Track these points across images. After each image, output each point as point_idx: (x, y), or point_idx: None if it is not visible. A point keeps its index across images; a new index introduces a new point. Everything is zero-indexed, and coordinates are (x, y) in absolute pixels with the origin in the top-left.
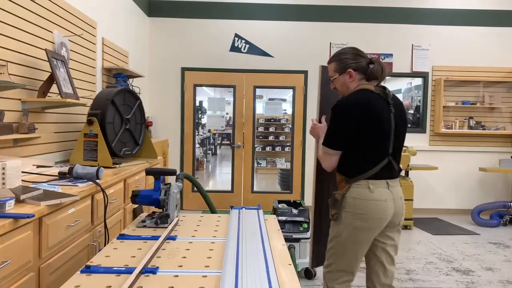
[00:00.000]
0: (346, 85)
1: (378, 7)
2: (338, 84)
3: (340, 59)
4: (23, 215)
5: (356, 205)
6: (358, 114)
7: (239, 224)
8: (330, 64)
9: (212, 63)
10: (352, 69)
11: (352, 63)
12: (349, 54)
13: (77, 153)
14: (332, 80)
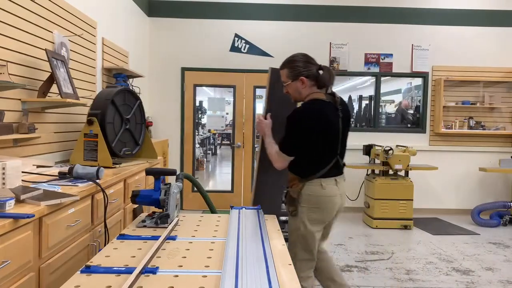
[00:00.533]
0: (298, 91)
1: (378, 7)
2: (291, 90)
3: (292, 66)
4: (23, 215)
5: (311, 200)
6: (312, 125)
7: (239, 224)
8: (283, 70)
9: (212, 63)
10: (304, 77)
11: (304, 71)
12: (300, 62)
13: (77, 153)
14: (285, 85)
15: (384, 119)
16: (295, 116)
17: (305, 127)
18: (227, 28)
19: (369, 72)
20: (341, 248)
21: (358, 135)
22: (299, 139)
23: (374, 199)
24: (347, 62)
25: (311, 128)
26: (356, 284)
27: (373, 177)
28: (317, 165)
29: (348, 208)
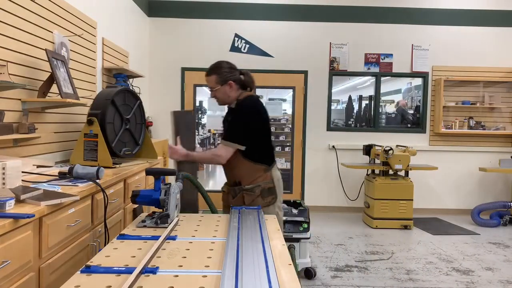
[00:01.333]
0: (227, 95)
1: (378, 7)
2: (220, 94)
3: (220, 72)
4: (23, 215)
5: (279, 185)
6: (262, 111)
7: (239, 224)
8: (211, 76)
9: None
10: (232, 81)
11: (231, 75)
12: (226, 68)
13: (77, 153)
14: (214, 90)
15: (384, 119)
16: (246, 106)
17: (257, 114)
18: (227, 28)
19: (369, 72)
20: (341, 248)
21: (358, 135)
22: (251, 127)
23: (374, 199)
24: (347, 62)
25: (262, 114)
26: (356, 284)
27: (373, 177)
28: (272, 152)
29: (348, 208)
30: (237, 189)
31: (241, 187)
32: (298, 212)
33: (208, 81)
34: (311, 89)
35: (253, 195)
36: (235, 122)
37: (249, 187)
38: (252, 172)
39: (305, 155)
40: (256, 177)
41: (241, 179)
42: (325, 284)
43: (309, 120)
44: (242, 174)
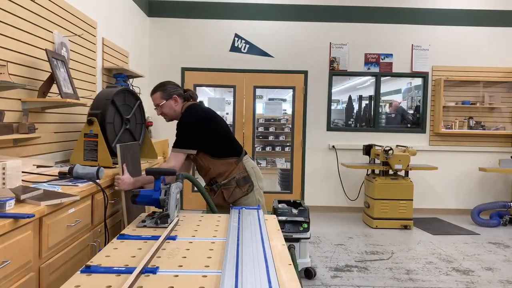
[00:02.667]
0: (173, 109)
1: (378, 7)
2: (166, 109)
3: (164, 89)
4: (23, 215)
5: (254, 173)
6: (204, 115)
7: (239, 224)
8: (156, 93)
9: (212, 63)
10: (176, 95)
11: (175, 91)
12: (170, 85)
13: (77, 153)
14: (160, 106)
15: (384, 119)
16: (187, 115)
17: (203, 118)
18: (227, 28)
19: (369, 72)
20: (341, 248)
21: (358, 135)
22: (202, 130)
23: (374, 199)
24: (347, 62)
25: (208, 117)
26: (356, 284)
27: (373, 177)
28: (236, 144)
29: (348, 208)
30: (215, 187)
31: (218, 184)
32: (298, 212)
33: (153, 99)
34: (311, 89)
35: (231, 187)
36: (179, 130)
37: (225, 182)
38: (224, 168)
39: (305, 155)
40: (229, 171)
41: (216, 177)
42: (325, 284)
43: (309, 120)
44: (216, 172)
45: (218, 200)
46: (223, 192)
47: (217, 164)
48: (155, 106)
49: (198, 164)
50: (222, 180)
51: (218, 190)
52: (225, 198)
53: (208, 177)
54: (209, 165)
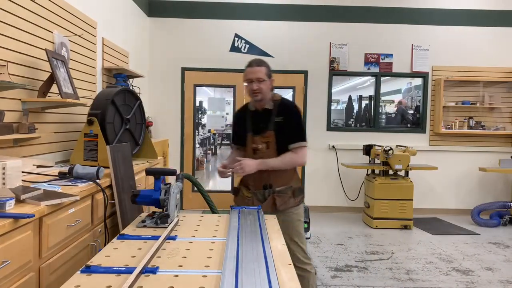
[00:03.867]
0: (269, 89)
1: (378, 7)
2: (265, 87)
3: (268, 66)
4: (23, 215)
5: (301, 187)
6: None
7: (239, 224)
8: (262, 67)
9: (212, 63)
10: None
11: (272, 74)
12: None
13: (77, 153)
14: (261, 82)
15: (384, 119)
16: (296, 106)
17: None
18: (227, 28)
19: (369, 72)
20: (341, 248)
21: (358, 135)
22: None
23: (374, 199)
24: (347, 62)
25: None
26: (356, 284)
27: (373, 177)
28: None
29: (348, 208)
30: (266, 192)
31: (272, 189)
32: None
33: (257, 72)
34: (311, 89)
35: (285, 196)
36: (300, 122)
37: (280, 189)
38: (285, 174)
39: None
40: (288, 178)
41: (273, 181)
42: (325, 284)
43: (309, 120)
44: (276, 176)
45: (266, 207)
46: (275, 199)
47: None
48: (256, 79)
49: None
50: (278, 187)
51: (269, 196)
52: (276, 205)
53: (264, 180)
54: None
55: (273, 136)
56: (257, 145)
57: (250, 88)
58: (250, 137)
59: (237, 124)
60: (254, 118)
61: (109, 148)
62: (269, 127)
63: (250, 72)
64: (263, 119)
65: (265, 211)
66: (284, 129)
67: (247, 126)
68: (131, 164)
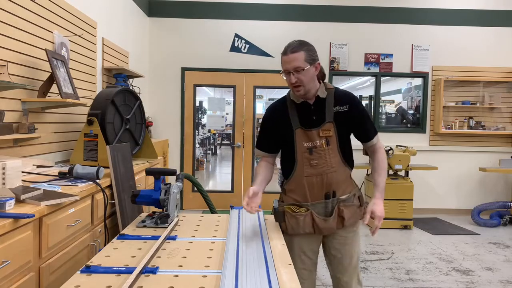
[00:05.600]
0: (313, 78)
1: (378, 7)
2: (307, 76)
3: (309, 49)
4: (23, 215)
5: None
6: None
7: (239, 224)
8: (299, 53)
9: (212, 63)
10: (319, 63)
11: (317, 56)
12: (312, 46)
13: (77, 153)
14: (299, 72)
15: (384, 119)
16: (356, 97)
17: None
18: (227, 28)
19: (369, 72)
20: None
21: None
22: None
23: None
24: (347, 62)
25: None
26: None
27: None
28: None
29: None
30: (330, 202)
31: (337, 198)
32: None
33: (293, 59)
34: None
35: (353, 206)
36: (365, 115)
37: (344, 198)
38: (346, 178)
39: None
40: (349, 182)
41: (336, 187)
42: (325, 284)
43: None
44: (338, 180)
45: (332, 223)
46: (342, 211)
47: (342, 170)
48: (293, 69)
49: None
50: (342, 194)
51: (334, 207)
52: (344, 219)
53: (327, 186)
54: (337, 168)
55: (334, 129)
56: (313, 142)
57: (289, 81)
58: (300, 133)
59: (275, 121)
60: (302, 111)
61: (109, 148)
62: (327, 118)
63: (285, 62)
64: (316, 110)
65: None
66: (347, 120)
67: (293, 121)
68: (131, 164)
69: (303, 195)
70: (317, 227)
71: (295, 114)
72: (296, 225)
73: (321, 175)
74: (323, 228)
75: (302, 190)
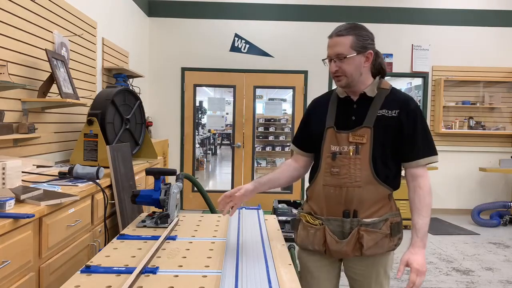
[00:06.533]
0: (359, 70)
1: (378, 7)
2: (351, 66)
3: (361, 34)
4: (23, 215)
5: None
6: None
7: (239, 224)
8: (345, 37)
9: (212, 63)
10: (372, 52)
11: (372, 44)
12: (369, 32)
13: (77, 153)
14: (342, 59)
15: None
16: (418, 106)
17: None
18: (227, 28)
19: None
20: None
21: None
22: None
23: None
24: None
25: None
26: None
27: None
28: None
29: None
30: (348, 223)
31: (358, 219)
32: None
33: (336, 44)
34: (311, 89)
35: (379, 233)
36: (427, 128)
37: (369, 222)
38: (378, 199)
39: None
40: (381, 203)
41: (358, 206)
42: None
43: None
44: (363, 198)
45: (345, 247)
46: (362, 236)
47: (369, 188)
48: (335, 55)
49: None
50: (367, 217)
51: (353, 228)
52: (363, 246)
53: (347, 203)
54: (362, 183)
55: (369, 136)
56: (340, 147)
57: (330, 70)
58: (330, 133)
59: (312, 114)
60: (342, 108)
61: (109, 148)
62: (365, 122)
63: (328, 46)
64: (358, 109)
65: (341, 255)
66: (394, 129)
67: (328, 117)
68: (131, 164)
69: (319, 206)
70: (328, 248)
71: (334, 110)
72: (305, 238)
73: (340, 187)
74: (333, 250)
75: (319, 200)
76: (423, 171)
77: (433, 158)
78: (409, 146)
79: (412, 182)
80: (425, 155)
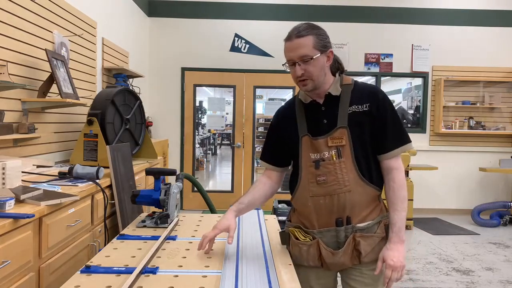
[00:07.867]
0: (324, 71)
1: (378, 7)
2: (317, 67)
3: (320, 33)
4: (23, 215)
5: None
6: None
7: (239, 224)
8: (306, 37)
9: (212, 63)
10: (332, 51)
11: (329, 43)
12: (323, 30)
13: (77, 153)
14: (306, 60)
15: None
16: (386, 95)
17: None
18: (227, 28)
19: (369, 72)
20: None
21: None
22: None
23: None
24: (347, 62)
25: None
26: None
27: None
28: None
29: None
30: (342, 231)
31: (352, 226)
32: None
33: (298, 46)
34: None
35: (375, 237)
36: (399, 119)
37: (363, 226)
38: (369, 201)
39: None
40: (373, 205)
41: (351, 212)
42: None
43: None
44: (355, 202)
45: (342, 258)
46: (358, 243)
47: (360, 189)
48: (298, 58)
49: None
50: (360, 221)
51: (349, 236)
52: (361, 254)
53: (340, 211)
54: (352, 186)
55: (347, 136)
56: (320, 154)
57: (294, 75)
58: (306, 141)
59: (281, 127)
60: (310, 113)
61: (109, 148)
62: (339, 123)
63: (288, 49)
64: (327, 111)
65: (339, 266)
66: (368, 123)
67: (299, 125)
68: (131, 164)
69: (308, 219)
70: (324, 261)
71: (303, 117)
72: (299, 255)
73: (330, 195)
74: (330, 263)
75: (308, 213)
76: (397, 163)
77: (406, 147)
78: (380, 137)
79: (386, 176)
80: (398, 145)
